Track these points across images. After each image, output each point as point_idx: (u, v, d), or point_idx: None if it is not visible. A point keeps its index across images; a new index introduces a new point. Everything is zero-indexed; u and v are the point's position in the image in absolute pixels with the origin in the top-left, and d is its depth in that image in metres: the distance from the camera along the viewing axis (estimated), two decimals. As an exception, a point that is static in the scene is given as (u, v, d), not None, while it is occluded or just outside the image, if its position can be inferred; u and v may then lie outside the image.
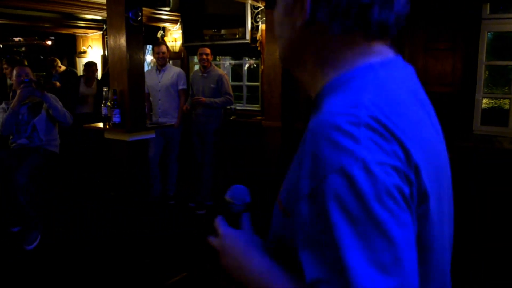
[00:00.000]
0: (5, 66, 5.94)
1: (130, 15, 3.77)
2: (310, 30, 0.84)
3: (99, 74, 7.91)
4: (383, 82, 0.80)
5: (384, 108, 0.75)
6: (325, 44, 0.84)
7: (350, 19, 0.80)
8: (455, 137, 4.66)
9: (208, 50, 5.29)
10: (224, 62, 7.61)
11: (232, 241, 0.98)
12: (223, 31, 7.16)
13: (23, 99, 4.28)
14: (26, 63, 5.85)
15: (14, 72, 4.42)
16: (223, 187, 1.13)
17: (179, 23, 7.53)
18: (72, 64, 9.58)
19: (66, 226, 4.58)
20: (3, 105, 4.46)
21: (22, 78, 4.32)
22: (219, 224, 1.03)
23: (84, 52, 9.05)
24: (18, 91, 4.26)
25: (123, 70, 3.90)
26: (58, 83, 7.25)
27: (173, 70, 5.26)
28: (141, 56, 3.97)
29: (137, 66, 3.95)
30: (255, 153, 6.03)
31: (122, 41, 3.86)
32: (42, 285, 3.52)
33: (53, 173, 4.44)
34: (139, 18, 3.85)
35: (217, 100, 5.21)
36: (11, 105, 4.28)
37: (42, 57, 6.47)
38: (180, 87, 5.20)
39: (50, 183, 4.57)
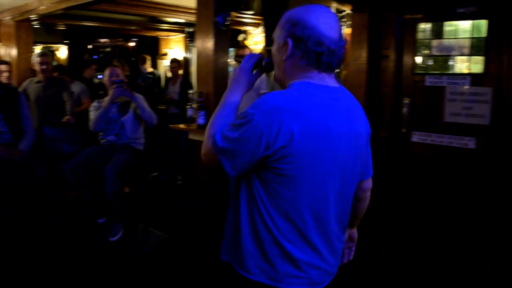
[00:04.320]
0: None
1: (218, 19, 3.89)
2: (289, 61, 1.52)
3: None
4: (305, 91, 1.45)
5: (290, 101, 1.40)
6: (294, 69, 1.52)
7: (311, 59, 1.48)
8: None
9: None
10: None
11: (242, 70, 1.72)
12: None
13: (115, 99, 4.51)
14: (120, 64, 6.07)
15: (106, 73, 4.67)
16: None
17: (261, 27, 7.63)
18: (153, 66, 9.96)
19: (147, 220, 4.77)
20: (95, 103, 4.72)
21: (113, 79, 4.56)
22: (249, 57, 1.74)
23: (165, 54, 9.39)
24: (110, 91, 4.50)
25: (209, 73, 4.02)
26: (142, 83, 7.54)
27: None
28: (226, 60, 4.08)
29: (222, 69, 4.07)
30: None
31: (210, 44, 3.99)
32: (122, 275, 3.69)
33: (137, 169, 4.64)
34: (227, 23, 3.96)
35: None
36: (103, 104, 4.52)
37: (133, 58, 6.73)
38: (261, 91, 5.26)
39: (134, 179, 4.77)
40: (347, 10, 6.13)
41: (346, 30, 6.29)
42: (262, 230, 1.49)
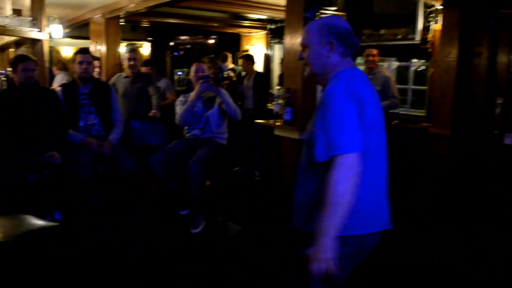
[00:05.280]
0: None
1: (308, 15, 3.83)
2: (333, 56, 1.95)
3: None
4: (346, 77, 1.89)
5: (347, 85, 1.84)
6: (332, 63, 1.96)
7: (346, 54, 1.96)
8: None
9: (375, 51, 5.19)
10: (381, 64, 7.39)
11: None
12: (382, 31, 6.98)
13: (201, 94, 4.57)
14: (210, 61, 6.15)
15: (193, 68, 4.74)
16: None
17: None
18: (233, 62, 10.06)
19: (227, 214, 4.80)
20: (181, 98, 4.81)
21: (199, 74, 4.63)
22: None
23: (247, 51, 9.42)
24: (196, 86, 4.56)
25: (298, 70, 3.98)
26: (234, 77, 7.59)
27: None
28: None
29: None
30: (417, 161, 5.74)
31: (299, 40, 3.92)
32: (204, 267, 3.72)
33: (222, 163, 4.67)
34: (316, 18, 3.90)
35: (382, 103, 5.09)
36: (190, 99, 4.59)
37: (212, 56, 6.79)
38: None
39: (216, 173, 4.81)
40: (437, 5, 5.89)
41: (435, 26, 6.05)
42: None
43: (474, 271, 3.58)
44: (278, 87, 4.31)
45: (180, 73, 12.61)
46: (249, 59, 6.98)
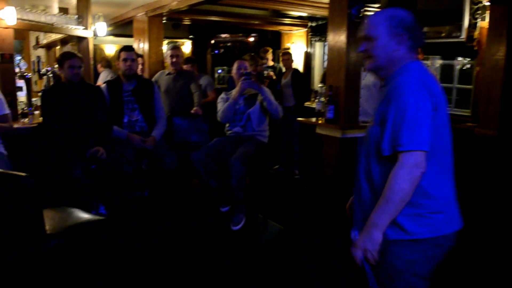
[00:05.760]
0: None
1: (353, 11, 3.78)
2: (401, 48, 1.86)
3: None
4: (417, 69, 1.85)
5: (421, 78, 1.81)
6: (399, 56, 1.86)
7: (413, 48, 1.87)
8: None
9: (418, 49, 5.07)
10: (425, 62, 7.23)
11: None
12: (425, 29, 6.82)
13: (243, 91, 4.58)
14: (252, 58, 6.16)
15: (235, 66, 4.75)
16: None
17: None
18: (274, 60, 10.03)
19: (266, 211, 4.80)
20: (223, 95, 4.83)
21: (241, 71, 4.64)
22: None
23: (287, 48, 9.40)
24: (238, 84, 4.58)
25: (341, 67, 3.94)
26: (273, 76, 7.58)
27: None
28: (359, 54, 3.96)
29: (355, 63, 3.96)
30: (459, 160, 5.57)
31: (342, 37, 3.90)
32: (243, 264, 3.72)
33: (263, 161, 4.68)
34: (361, 15, 3.85)
35: None
36: (232, 96, 4.61)
37: (252, 54, 6.80)
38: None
39: (256, 171, 4.81)
40: (484, 2, 5.72)
41: (482, 23, 5.88)
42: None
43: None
44: (321, 85, 4.26)
45: (220, 71, 12.70)
46: (290, 55, 6.97)
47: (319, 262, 3.65)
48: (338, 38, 3.96)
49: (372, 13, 7.10)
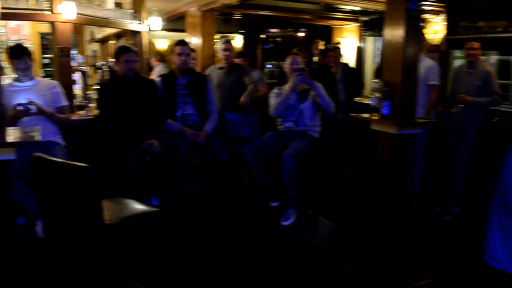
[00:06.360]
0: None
1: (411, 6, 3.68)
2: None
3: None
4: None
5: None
6: None
7: None
8: None
9: (477, 45, 4.90)
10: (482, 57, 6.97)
11: None
12: (480, 23, 6.60)
13: (296, 86, 4.55)
14: (300, 51, 6.11)
15: (287, 60, 4.72)
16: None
17: (442, 14, 7.17)
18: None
19: (316, 208, 4.76)
20: (275, 90, 4.81)
21: (294, 67, 4.60)
22: None
23: (338, 43, 9.29)
24: (291, 78, 4.54)
25: (397, 62, 3.85)
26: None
27: (426, 63, 4.86)
28: (417, 49, 3.87)
29: (412, 58, 3.86)
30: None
31: (400, 32, 3.80)
32: (290, 260, 3.68)
33: (314, 156, 4.63)
34: (419, 9, 3.74)
35: (482, 99, 4.83)
36: (285, 91, 4.59)
37: (301, 47, 6.76)
38: (430, 82, 4.90)
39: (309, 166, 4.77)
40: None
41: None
42: None
43: None
44: (376, 80, 4.17)
45: (269, 66, 12.67)
46: (338, 51, 6.87)
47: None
48: (395, 32, 3.86)
49: (430, 7, 6.99)
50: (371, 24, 8.91)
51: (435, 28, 7.32)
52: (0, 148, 2.75)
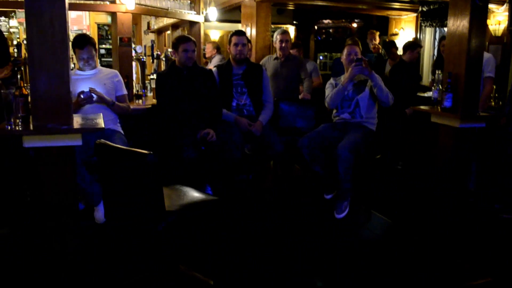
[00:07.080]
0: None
1: (477, -5, 3.56)
2: None
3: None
4: None
5: None
6: None
7: None
8: None
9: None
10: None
11: None
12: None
13: (353, 77, 4.48)
14: (358, 42, 6.03)
15: (345, 51, 4.65)
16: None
17: (505, 4, 6.88)
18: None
19: (370, 202, 4.69)
20: (331, 80, 4.76)
21: (352, 57, 4.53)
22: None
23: (396, 34, 9.08)
24: (349, 69, 4.47)
25: (462, 53, 3.73)
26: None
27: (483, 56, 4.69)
28: (482, 40, 3.73)
29: (477, 49, 3.73)
30: None
31: (465, 22, 3.68)
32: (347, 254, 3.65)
33: (369, 149, 4.55)
34: (484, 0, 3.61)
35: None
36: (342, 82, 4.53)
37: (354, 37, 6.67)
38: (486, 74, 4.68)
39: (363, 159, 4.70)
40: None
41: None
42: None
43: None
44: (438, 72, 4.05)
45: (321, 57, 12.56)
46: (394, 44, 6.77)
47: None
48: (459, 23, 3.74)
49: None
50: (431, 14, 8.64)
51: (498, 19, 7.03)
52: (68, 134, 2.83)
